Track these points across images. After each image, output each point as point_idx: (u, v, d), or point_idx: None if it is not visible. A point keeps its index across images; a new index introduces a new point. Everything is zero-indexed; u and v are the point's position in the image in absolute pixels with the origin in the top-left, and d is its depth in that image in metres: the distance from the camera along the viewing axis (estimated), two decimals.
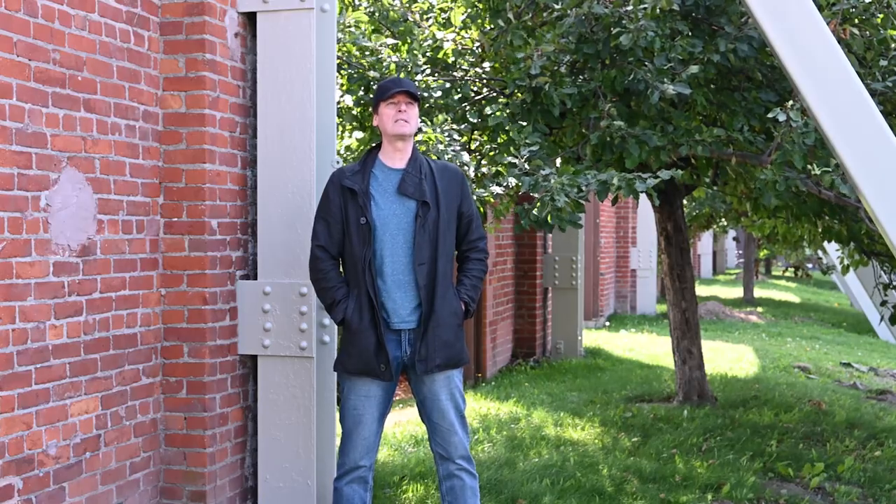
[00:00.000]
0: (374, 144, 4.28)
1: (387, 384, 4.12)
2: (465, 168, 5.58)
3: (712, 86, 6.30)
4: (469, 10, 6.57)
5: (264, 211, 4.56)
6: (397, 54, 6.25)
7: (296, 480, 4.54)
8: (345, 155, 6.20)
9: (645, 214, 17.09)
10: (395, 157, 4.13)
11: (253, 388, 4.65)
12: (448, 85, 6.35)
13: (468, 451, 4.21)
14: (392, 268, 4.05)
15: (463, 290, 4.17)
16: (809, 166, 5.56)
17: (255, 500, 4.64)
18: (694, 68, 5.60)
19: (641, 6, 5.68)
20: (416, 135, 5.00)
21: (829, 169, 5.53)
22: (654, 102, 5.65)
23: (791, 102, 5.42)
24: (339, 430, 4.85)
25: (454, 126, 5.98)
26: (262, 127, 4.57)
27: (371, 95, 6.14)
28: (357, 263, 4.04)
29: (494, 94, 6.53)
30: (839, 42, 4.90)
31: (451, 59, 6.59)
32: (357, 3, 6.63)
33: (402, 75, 6.04)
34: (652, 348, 12.11)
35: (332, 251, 4.10)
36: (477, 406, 7.76)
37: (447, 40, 6.49)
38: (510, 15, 6.20)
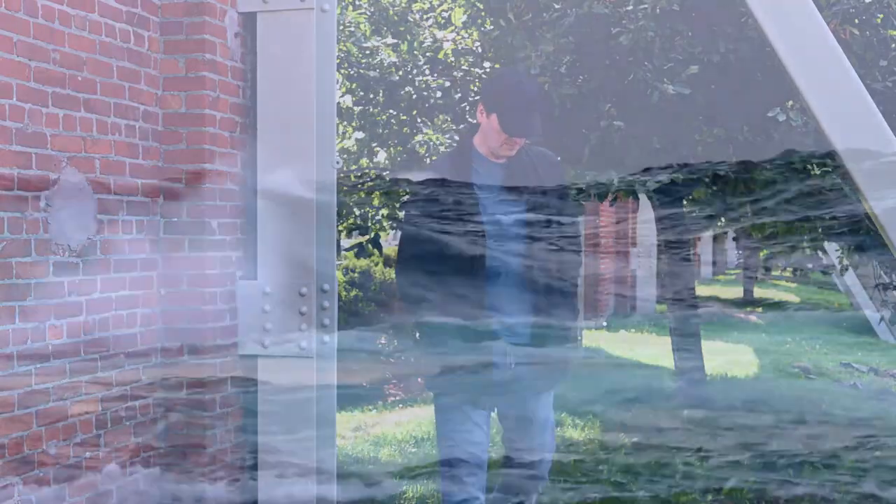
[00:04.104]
0: (465, 130, 4.01)
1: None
2: None
3: (712, 86, 6.29)
4: (469, 11, 6.58)
5: (264, 210, 4.56)
6: (397, 54, 6.25)
7: (296, 481, 4.54)
8: (344, 156, 6.20)
9: (645, 215, 17.08)
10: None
11: (253, 388, 4.65)
12: (448, 85, 6.35)
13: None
14: (504, 278, 3.62)
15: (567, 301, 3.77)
16: (809, 166, 5.56)
17: (256, 500, 4.63)
18: (694, 68, 5.60)
19: (641, 6, 5.68)
20: (416, 136, 4.97)
21: (830, 169, 5.53)
22: (654, 102, 5.65)
23: (791, 102, 5.43)
24: (339, 430, 4.84)
25: (454, 126, 5.98)
26: (262, 127, 4.57)
27: (371, 95, 6.13)
28: (464, 275, 3.57)
29: None
30: (839, 42, 4.90)
31: (451, 60, 6.60)
32: (357, 2, 6.63)
33: (400, 74, 6.03)
34: (652, 348, 12.11)
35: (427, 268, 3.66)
36: None
37: (447, 40, 6.49)
38: (510, 15, 6.20)
